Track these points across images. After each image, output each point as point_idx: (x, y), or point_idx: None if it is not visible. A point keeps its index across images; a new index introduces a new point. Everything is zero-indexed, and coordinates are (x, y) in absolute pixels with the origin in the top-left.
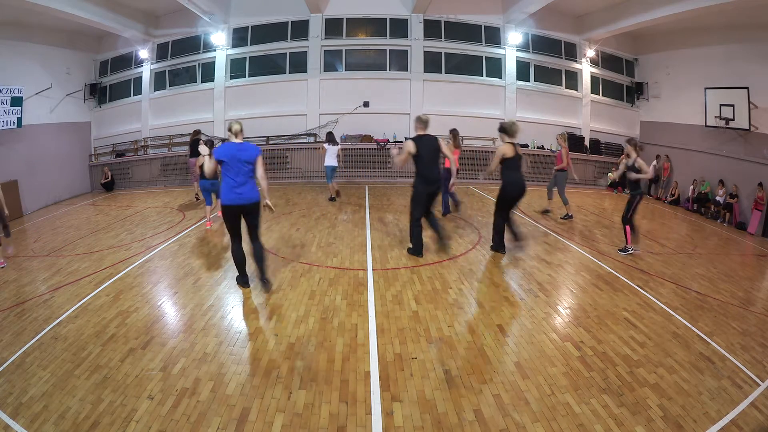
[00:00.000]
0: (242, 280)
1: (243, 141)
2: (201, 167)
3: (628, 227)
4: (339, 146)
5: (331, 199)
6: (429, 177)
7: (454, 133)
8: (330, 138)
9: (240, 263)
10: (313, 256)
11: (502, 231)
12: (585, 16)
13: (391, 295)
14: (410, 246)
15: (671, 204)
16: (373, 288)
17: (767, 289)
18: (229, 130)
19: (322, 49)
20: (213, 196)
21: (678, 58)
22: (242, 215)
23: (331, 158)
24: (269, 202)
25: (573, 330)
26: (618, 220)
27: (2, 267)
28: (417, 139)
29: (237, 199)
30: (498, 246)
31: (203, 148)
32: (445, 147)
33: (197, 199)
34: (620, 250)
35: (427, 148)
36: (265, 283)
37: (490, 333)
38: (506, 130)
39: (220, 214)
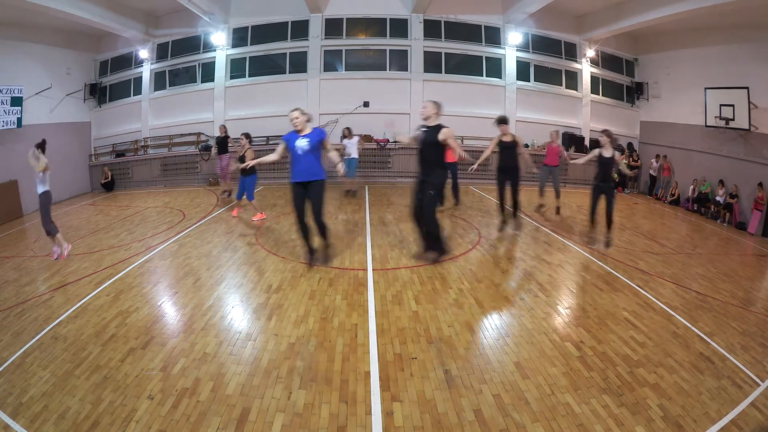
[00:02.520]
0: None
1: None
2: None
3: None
4: (357, 137)
5: (348, 193)
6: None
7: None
8: (348, 132)
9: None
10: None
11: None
12: (585, 16)
13: (391, 295)
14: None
15: (671, 204)
16: (373, 288)
17: (767, 289)
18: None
19: (322, 49)
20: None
21: (678, 58)
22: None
23: (353, 149)
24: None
25: (573, 330)
26: (618, 219)
27: (55, 259)
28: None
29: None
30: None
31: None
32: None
33: (228, 195)
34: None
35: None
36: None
37: (490, 333)
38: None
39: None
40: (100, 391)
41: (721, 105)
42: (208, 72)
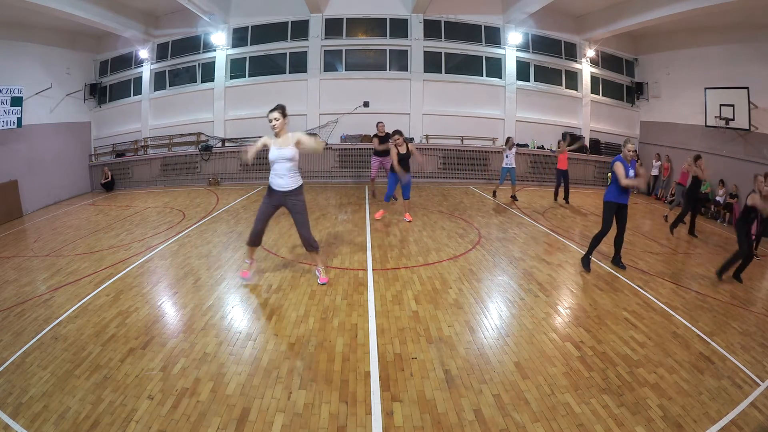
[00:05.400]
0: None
1: None
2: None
3: None
4: (516, 149)
5: (513, 198)
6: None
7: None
8: (508, 143)
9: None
10: None
11: None
12: (585, 16)
13: (391, 295)
14: None
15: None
16: (373, 288)
17: (767, 289)
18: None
19: (322, 49)
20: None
21: (678, 58)
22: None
23: (512, 160)
24: None
25: (573, 330)
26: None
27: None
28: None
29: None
30: None
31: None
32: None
33: (374, 195)
34: None
35: None
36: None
37: (490, 333)
38: None
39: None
40: (100, 391)
41: (721, 105)
42: (208, 72)
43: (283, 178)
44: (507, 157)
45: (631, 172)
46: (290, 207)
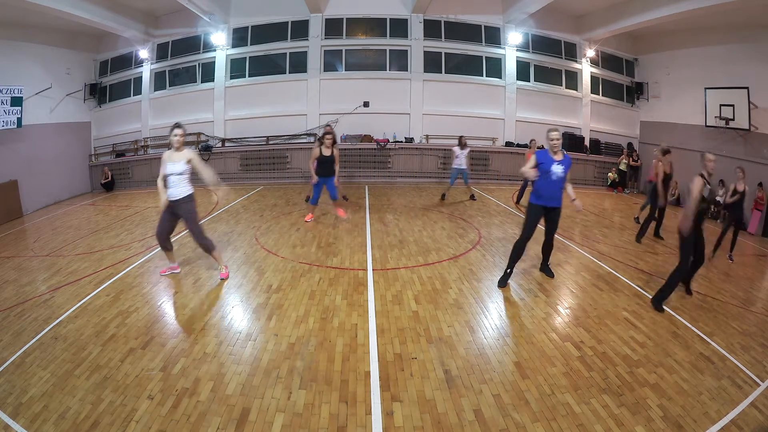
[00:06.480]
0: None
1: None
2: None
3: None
4: (469, 149)
5: (472, 197)
6: None
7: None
8: (461, 142)
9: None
10: (313, 256)
11: None
12: (585, 16)
13: (391, 295)
14: None
15: (671, 204)
16: (373, 288)
17: (767, 289)
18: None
19: (322, 49)
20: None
21: (678, 58)
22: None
23: (462, 160)
24: None
25: (573, 330)
26: (618, 220)
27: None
28: None
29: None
30: None
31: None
32: None
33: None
34: None
35: None
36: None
37: (490, 333)
38: None
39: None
40: (100, 391)
41: (721, 105)
42: (208, 72)
43: (175, 188)
44: (458, 157)
45: (558, 168)
46: (182, 214)
